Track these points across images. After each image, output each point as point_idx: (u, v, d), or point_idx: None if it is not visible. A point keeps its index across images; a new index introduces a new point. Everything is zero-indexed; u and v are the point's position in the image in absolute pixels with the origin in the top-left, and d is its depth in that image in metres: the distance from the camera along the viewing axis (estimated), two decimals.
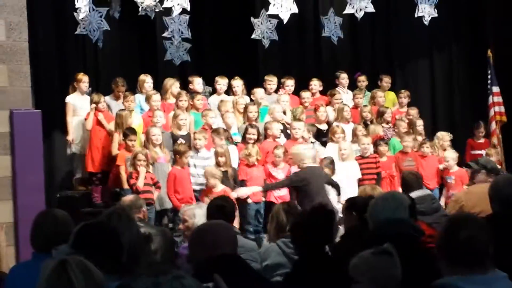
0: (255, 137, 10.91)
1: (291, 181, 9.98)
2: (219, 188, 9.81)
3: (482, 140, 13.14)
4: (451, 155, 11.60)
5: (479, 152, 12.55)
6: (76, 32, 11.82)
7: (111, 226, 4.18)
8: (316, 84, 12.84)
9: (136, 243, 4.49)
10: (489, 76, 13.34)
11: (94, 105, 11.00)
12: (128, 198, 7.07)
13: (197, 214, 6.82)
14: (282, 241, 5.97)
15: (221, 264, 4.31)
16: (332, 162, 10.65)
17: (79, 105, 11.26)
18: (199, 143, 10.59)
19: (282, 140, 11.34)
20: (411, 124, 12.34)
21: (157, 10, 11.84)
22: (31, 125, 8.75)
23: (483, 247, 3.74)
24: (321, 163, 10.56)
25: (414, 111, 12.89)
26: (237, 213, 7.95)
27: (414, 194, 6.82)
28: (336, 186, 10.09)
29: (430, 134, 12.82)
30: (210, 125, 11.13)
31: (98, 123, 10.99)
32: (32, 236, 4.87)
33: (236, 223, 9.84)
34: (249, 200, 10.47)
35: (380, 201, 5.15)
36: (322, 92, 12.89)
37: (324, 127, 12.02)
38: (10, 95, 8.84)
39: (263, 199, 10.55)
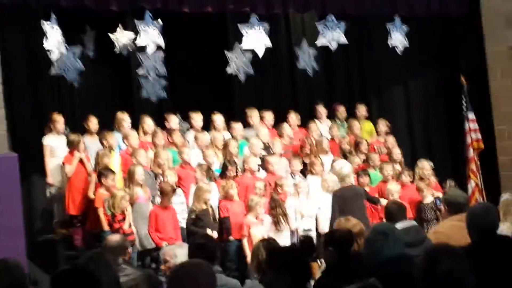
0: (234, 174, 10.96)
1: (333, 205, 10.04)
2: None
3: None
4: (394, 188, 11.24)
5: None
6: (52, 73, 11.77)
7: (91, 271, 4.15)
8: (293, 118, 12.88)
9: None
10: (464, 103, 13.42)
11: (78, 154, 10.85)
12: (114, 238, 6.96)
13: (178, 254, 6.79)
14: None
15: None
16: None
17: (56, 145, 11.17)
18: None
19: (262, 174, 11.35)
20: (389, 153, 12.37)
21: (130, 49, 11.91)
22: (8, 169, 8.70)
23: (463, 278, 3.76)
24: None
25: (390, 139, 12.93)
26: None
27: (399, 225, 6.79)
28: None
29: (408, 162, 12.86)
30: (187, 162, 11.14)
31: (79, 164, 10.91)
32: None
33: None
34: (231, 238, 10.46)
35: (378, 236, 5.05)
36: (301, 125, 12.94)
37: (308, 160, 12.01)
38: None
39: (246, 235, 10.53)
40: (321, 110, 13.33)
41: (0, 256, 7.92)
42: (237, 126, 12.22)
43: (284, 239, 10.21)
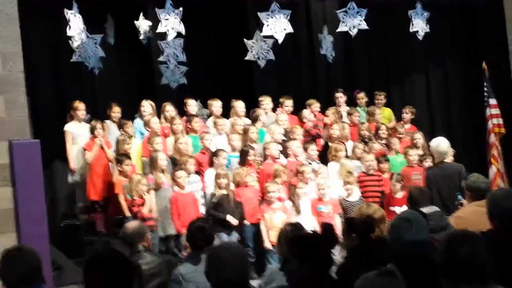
0: (253, 159, 10.97)
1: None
2: None
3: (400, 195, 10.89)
4: (324, 182, 10.73)
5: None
6: (72, 60, 11.82)
7: (125, 256, 4.16)
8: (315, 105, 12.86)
9: None
10: (485, 89, 13.37)
11: (98, 140, 10.95)
12: (131, 225, 7.00)
13: None
14: None
15: None
16: None
17: (77, 133, 11.24)
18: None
19: (283, 160, 11.34)
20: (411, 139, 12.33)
21: (150, 36, 11.98)
22: (30, 155, 8.72)
23: (483, 263, 3.78)
24: None
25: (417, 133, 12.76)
26: None
27: (423, 211, 6.79)
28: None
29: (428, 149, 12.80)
30: (208, 148, 11.16)
31: (100, 151, 10.98)
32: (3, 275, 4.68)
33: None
34: (246, 222, 10.47)
35: (402, 222, 5.13)
36: (321, 111, 12.93)
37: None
38: (7, 125, 8.86)
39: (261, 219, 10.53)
40: (341, 96, 13.30)
41: (24, 242, 8.19)
42: (260, 112, 12.21)
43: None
